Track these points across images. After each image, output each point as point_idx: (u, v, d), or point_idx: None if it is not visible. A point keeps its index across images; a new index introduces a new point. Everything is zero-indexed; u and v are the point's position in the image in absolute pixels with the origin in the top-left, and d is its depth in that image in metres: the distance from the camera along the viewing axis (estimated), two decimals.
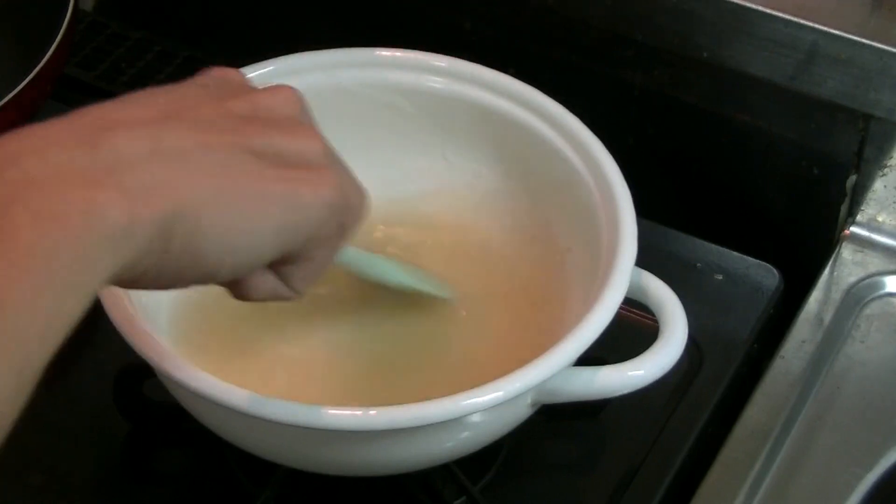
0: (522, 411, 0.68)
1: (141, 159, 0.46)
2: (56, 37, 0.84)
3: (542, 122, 0.75)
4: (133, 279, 0.47)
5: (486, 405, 0.63)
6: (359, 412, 0.62)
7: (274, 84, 0.54)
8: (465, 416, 0.63)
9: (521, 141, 0.76)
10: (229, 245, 0.49)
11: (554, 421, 0.75)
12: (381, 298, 0.74)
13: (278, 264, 0.53)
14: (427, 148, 0.80)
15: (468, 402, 0.62)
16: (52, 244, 0.43)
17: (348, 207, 0.53)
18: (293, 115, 0.53)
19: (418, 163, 0.80)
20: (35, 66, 0.82)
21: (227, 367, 0.69)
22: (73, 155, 0.45)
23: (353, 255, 0.70)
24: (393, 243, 0.79)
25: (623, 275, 0.67)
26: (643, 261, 0.69)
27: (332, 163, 0.53)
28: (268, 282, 0.54)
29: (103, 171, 0.45)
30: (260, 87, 0.54)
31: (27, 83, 0.82)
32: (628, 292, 0.67)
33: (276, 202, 0.50)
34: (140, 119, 0.48)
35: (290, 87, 0.54)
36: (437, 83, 0.78)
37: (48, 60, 0.83)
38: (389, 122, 0.79)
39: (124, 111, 0.49)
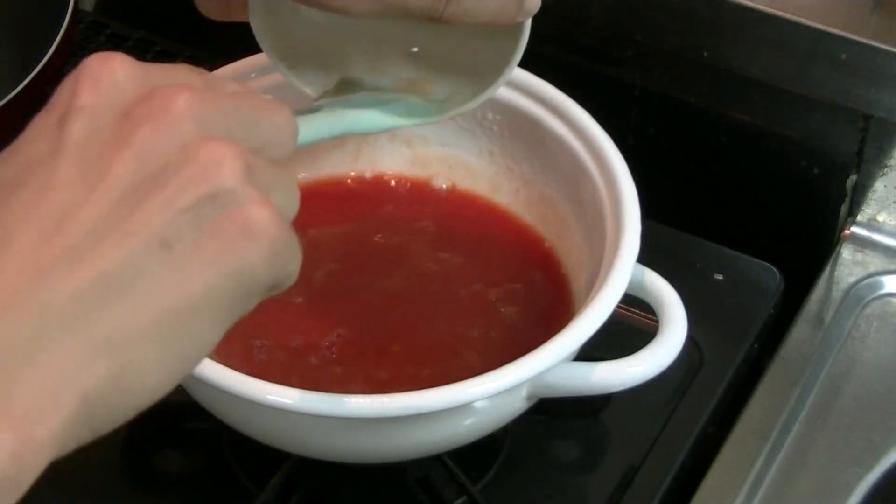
0: (518, 404, 0.67)
1: (27, 348, 0.40)
2: (56, 37, 0.84)
3: (551, 114, 0.75)
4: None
5: (480, 396, 0.63)
6: (354, 400, 0.62)
7: (158, 88, 0.43)
8: (460, 405, 0.63)
9: (528, 132, 0.77)
10: (164, 378, 0.43)
11: (554, 420, 0.75)
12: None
13: None
14: (432, 132, 0.80)
15: (463, 392, 0.62)
16: None
17: (288, 234, 0.45)
18: (185, 136, 0.43)
19: (424, 147, 0.81)
20: (35, 66, 0.83)
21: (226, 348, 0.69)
22: None
23: (315, 127, 0.57)
24: None
25: (624, 270, 0.67)
26: (643, 260, 0.69)
27: (249, 176, 0.43)
28: None
29: None
30: (141, 89, 0.44)
31: (27, 83, 0.82)
32: (629, 288, 0.67)
33: (203, 298, 0.43)
34: (21, 256, 0.41)
35: (174, 91, 0.43)
36: None
37: (48, 60, 0.83)
38: None
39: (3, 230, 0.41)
